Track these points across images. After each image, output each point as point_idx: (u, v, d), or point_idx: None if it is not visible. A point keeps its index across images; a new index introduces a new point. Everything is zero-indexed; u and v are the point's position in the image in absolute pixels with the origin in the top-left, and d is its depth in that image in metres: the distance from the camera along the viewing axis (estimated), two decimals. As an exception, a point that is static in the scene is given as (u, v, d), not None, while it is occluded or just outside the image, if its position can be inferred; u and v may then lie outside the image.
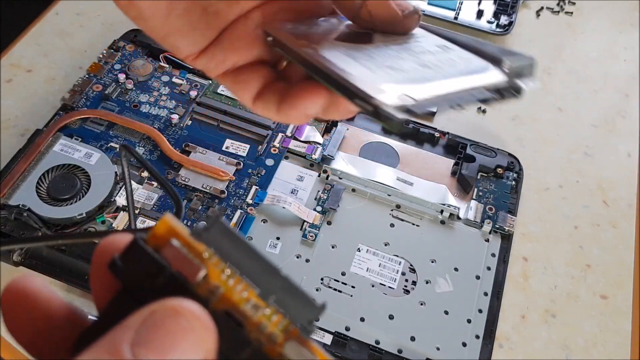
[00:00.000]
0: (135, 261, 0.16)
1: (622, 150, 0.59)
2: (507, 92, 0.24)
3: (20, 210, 0.44)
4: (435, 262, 0.48)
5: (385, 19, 0.25)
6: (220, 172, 0.50)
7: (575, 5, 0.71)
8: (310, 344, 0.16)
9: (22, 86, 0.57)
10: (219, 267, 0.16)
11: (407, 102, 0.21)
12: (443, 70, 0.24)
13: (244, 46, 0.27)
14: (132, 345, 0.14)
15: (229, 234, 0.17)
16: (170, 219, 0.17)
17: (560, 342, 0.46)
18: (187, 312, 0.15)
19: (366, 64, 0.24)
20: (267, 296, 0.16)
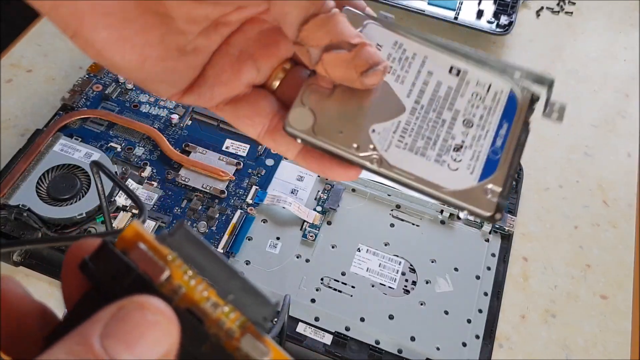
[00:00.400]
0: (105, 262, 0.17)
1: (622, 150, 0.59)
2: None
3: (20, 210, 0.44)
4: (435, 262, 0.48)
5: (341, 80, 0.24)
6: (220, 172, 0.50)
7: (575, 5, 0.71)
8: (265, 338, 0.17)
9: (22, 86, 0.57)
10: (182, 269, 0.18)
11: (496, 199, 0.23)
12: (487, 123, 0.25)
13: (232, 78, 0.25)
14: (102, 337, 0.15)
15: (192, 239, 0.18)
16: (137, 225, 0.18)
17: (560, 342, 0.46)
18: (152, 307, 0.16)
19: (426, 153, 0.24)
20: (225, 295, 0.18)
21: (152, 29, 0.23)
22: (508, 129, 0.25)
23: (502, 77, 0.26)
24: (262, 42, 0.26)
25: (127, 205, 0.47)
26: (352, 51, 0.23)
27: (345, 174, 0.25)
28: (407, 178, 0.24)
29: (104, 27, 0.22)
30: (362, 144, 0.24)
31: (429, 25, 0.66)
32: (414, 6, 0.63)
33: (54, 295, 0.44)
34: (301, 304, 0.45)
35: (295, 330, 0.43)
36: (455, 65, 0.26)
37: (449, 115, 0.25)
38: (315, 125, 0.24)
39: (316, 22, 0.23)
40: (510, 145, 0.25)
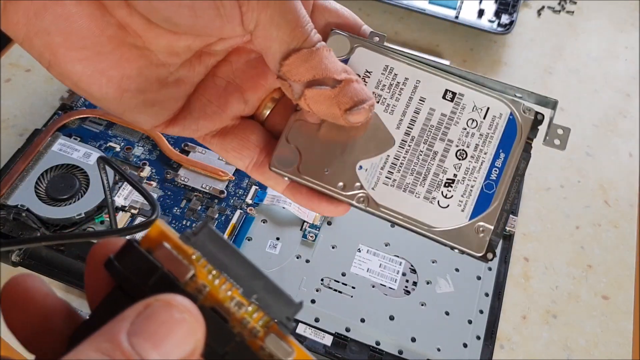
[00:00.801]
0: (130, 261, 0.17)
1: (623, 150, 0.59)
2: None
3: (19, 210, 0.44)
4: (435, 262, 0.48)
5: (325, 116, 0.23)
6: (220, 172, 0.50)
7: (577, 5, 0.71)
8: (289, 338, 0.18)
9: (21, 86, 0.57)
10: (206, 268, 0.18)
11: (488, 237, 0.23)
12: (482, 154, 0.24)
13: (219, 110, 0.25)
14: (129, 335, 0.15)
15: (216, 238, 0.18)
16: (161, 224, 0.18)
17: (561, 343, 0.46)
18: (179, 305, 0.16)
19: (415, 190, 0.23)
20: (249, 295, 0.18)
21: (128, 62, 0.22)
22: (505, 158, 0.24)
23: (501, 99, 0.24)
24: (249, 73, 0.25)
25: (127, 206, 0.47)
26: (336, 88, 0.22)
27: (334, 210, 0.25)
28: (395, 217, 0.23)
29: (78, 60, 0.22)
30: (348, 182, 0.24)
31: (430, 25, 0.66)
32: (415, 5, 0.63)
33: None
34: (301, 304, 0.44)
35: (295, 331, 0.43)
36: (450, 88, 0.24)
37: (441, 146, 0.24)
38: (301, 165, 0.24)
39: (298, 57, 0.22)
40: (507, 177, 0.24)
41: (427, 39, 0.65)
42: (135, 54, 0.22)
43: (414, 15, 0.66)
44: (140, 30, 0.22)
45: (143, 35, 0.22)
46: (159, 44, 0.23)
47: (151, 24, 0.22)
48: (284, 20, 0.21)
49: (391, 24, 0.66)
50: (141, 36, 0.22)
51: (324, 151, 0.24)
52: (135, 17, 0.21)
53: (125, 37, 0.22)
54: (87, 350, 0.15)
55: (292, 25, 0.21)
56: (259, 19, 0.21)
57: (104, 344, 0.15)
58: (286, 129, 0.24)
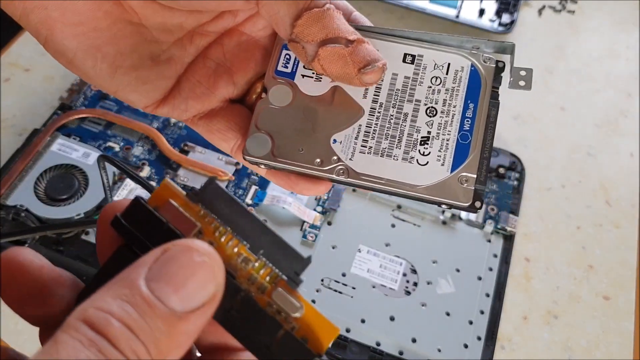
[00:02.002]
0: (136, 218, 0.17)
1: (624, 150, 0.58)
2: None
3: (18, 210, 0.44)
4: (436, 263, 0.48)
5: (339, 76, 0.23)
6: (220, 171, 0.50)
7: (577, 4, 0.71)
8: (297, 293, 0.17)
9: (20, 85, 0.57)
10: (212, 225, 0.18)
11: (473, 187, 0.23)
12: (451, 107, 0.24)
13: (207, 91, 0.25)
14: (148, 280, 0.15)
15: (222, 194, 0.18)
16: (169, 183, 0.18)
17: (562, 343, 0.46)
18: (199, 248, 0.16)
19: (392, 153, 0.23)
20: (256, 250, 0.18)
21: (124, 38, 0.22)
22: (475, 108, 0.24)
23: (460, 54, 0.25)
24: (240, 55, 0.25)
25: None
26: (349, 47, 0.22)
27: (314, 189, 0.25)
28: (377, 184, 0.23)
29: (74, 36, 0.22)
30: (324, 157, 0.24)
31: (431, 24, 0.66)
32: (416, 5, 0.63)
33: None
34: (301, 305, 0.44)
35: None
36: (408, 52, 0.25)
37: (410, 107, 0.24)
38: (275, 149, 0.24)
39: (310, 16, 0.22)
40: (480, 125, 0.24)
41: (427, 39, 0.65)
42: (130, 30, 0.22)
43: (414, 15, 0.65)
44: (136, 6, 0.22)
45: (139, 11, 0.22)
46: (154, 20, 0.23)
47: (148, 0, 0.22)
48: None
49: (391, 23, 0.66)
50: (137, 12, 0.22)
51: (295, 132, 0.24)
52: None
53: (122, 14, 0.22)
54: (105, 297, 0.15)
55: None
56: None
57: (123, 289, 0.15)
58: (254, 117, 0.24)
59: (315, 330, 0.17)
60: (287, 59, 0.25)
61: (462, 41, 0.25)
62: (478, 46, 0.25)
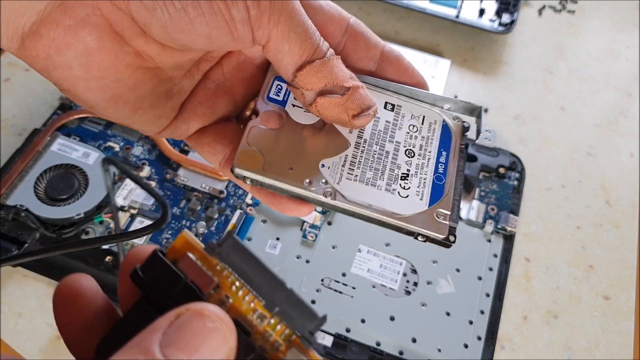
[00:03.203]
0: (155, 271, 0.18)
1: (624, 149, 0.58)
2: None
3: (18, 210, 0.44)
4: (436, 262, 0.48)
5: (333, 121, 0.25)
6: (220, 171, 0.49)
7: (577, 4, 0.71)
8: (311, 352, 0.17)
9: (20, 85, 0.57)
10: (230, 280, 0.18)
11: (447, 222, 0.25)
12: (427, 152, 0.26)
13: (207, 110, 0.26)
14: (162, 346, 0.15)
15: (240, 249, 0.18)
16: (187, 235, 0.18)
17: (562, 343, 0.46)
18: (211, 314, 0.16)
19: (376, 183, 0.25)
20: (272, 307, 0.18)
21: (143, 84, 0.23)
22: (447, 156, 0.27)
23: (433, 110, 0.27)
24: (238, 75, 0.26)
25: (126, 206, 0.47)
26: (344, 95, 0.24)
27: (297, 210, 0.25)
28: (362, 208, 0.25)
29: (97, 88, 0.22)
30: (313, 179, 0.24)
31: (431, 24, 0.66)
32: (416, 5, 0.63)
33: (51, 296, 0.43)
34: (301, 305, 0.44)
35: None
36: (389, 101, 0.27)
37: (391, 147, 0.26)
38: (265, 164, 0.24)
39: (312, 68, 0.23)
40: (452, 171, 0.26)
41: (427, 38, 0.65)
42: (149, 75, 0.23)
43: (414, 15, 0.65)
44: (154, 54, 0.23)
45: (156, 57, 0.23)
46: (169, 61, 0.23)
47: (165, 47, 0.22)
48: (294, 34, 0.22)
49: (391, 23, 0.66)
50: (154, 59, 0.23)
51: (285, 152, 0.25)
52: (151, 44, 0.22)
53: (141, 62, 0.23)
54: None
55: (303, 37, 0.22)
56: (270, 35, 0.22)
57: (138, 356, 0.15)
58: (245, 134, 0.25)
59: None
60: (279, 89, 0.26)
61: (436, 99, 0.27)
62: (449, 106, 0.28)
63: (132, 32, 0.21)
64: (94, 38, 0.21)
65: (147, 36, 0.22)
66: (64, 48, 0.21)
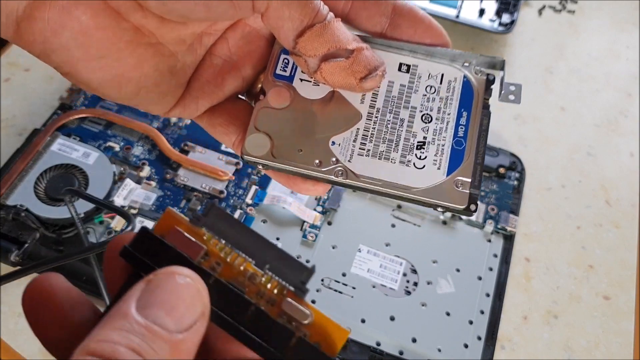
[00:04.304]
0: (145, 247, 0.18)
1: (624, 149, 0.58)
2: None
3: (18, 210, 0.44)
4: (436, 262, 0.48)
5: (340, 86, 0.24)
6: (220, 171, 0.50)
7: (577, 4, 0.71)
8: (305, 301, 0.18)
9: (20, 85, 0.57)
10: (218, 247, 0.19)
11: (467, 190, 0.23)
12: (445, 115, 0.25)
13: (216, 88, 0.25)
14: (139, 310, 0.16)
15: (225, 216, 0.19)
16: (171, 211, 0.19)
17: (562, 343, 0.46)
18: (180, 271, 0.17)
19: (390, 156, 0.24)
20: (262, 266, 0.19)
21: (146, 61, 0.23)
22: (468, 116, 0.25)
23: (453, 66, 0.26)
24: (245, 49, 0.25)
25: (126, 206, 0.47)
26: (349, 58, 0.23)
27: (313, 189, 0.25)
28: (375, 185, 0.24)
29: (98, 69, 0.22)
30: (323, 158, 0.24)
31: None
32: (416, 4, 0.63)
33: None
34: (301, 305, 0.44)
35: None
36: (403, 61, 0.25)
37: (406, 113, 0.25)
38: (274, 149, 0.24)
39: (312, 33, 0.22)
40: (473, 133, 0.25)
41: (427, 39, 0.65)
42: (150, 52, 0.23)
43: (414, 15, 0.65)
44: (154, 28, 0.22)
45: (156, 32, 0.22)
46: (170, 36, 0.23)
47: (164, 20, 0.22)
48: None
49: (391, 23, 0.66)
50: (155, 33, 0.22)
51: (294, 133, 0.24)
52: (150, 18, 0.22)
53: (141, 38, 0.22)
54: (103, 331, 0.15)
55: (303, 2, 0.22)
56: (270, 2, 0.21)
57: (118, 322, 0.15)
58: (253, 118, 0.25)
59: (327, 334, 0.18)
60: (286, 63, 0.25)
61: (455, 55, 0.26)
62: (470, 61, 0.26)
63: (128, 6, 0.21)
64: (89, 16, 0.21)
65: (144, 10, 0.21)
66: (60, 29, 0.21)
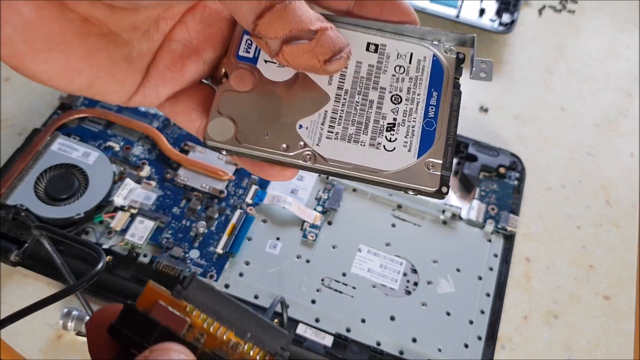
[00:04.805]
0: (131, 323, 0.19)
1: (624, 149, 0.58)
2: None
3: (18, 210, 0.44)
4: (437, 262, 0.48)
5: (304, 69, 0.23)
6: (220, 171, 0.50)
7: (578, 4, 0.71)
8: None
9: (20, 85, 0.57)
10: (201, 318, 0.20)
11: (439, 172, 0.23)
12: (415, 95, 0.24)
13: (176, 74, 0.24)
14: None
15: (205, 288, 0.20)
16: (153, 285, 0.20)
17: (562, 343, 0.46)
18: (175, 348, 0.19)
19: (359, 139, 0.23)
20: (243, 334, 0.20)
21: (97, 52, 0.22)
22: (438, 96, 0.24)
23: (422, 44, 0.25)
24: (205, 32, 0.24)
25: (126, 205, 0.47)
26: (313, 40, 0.22)
27: (281, 175, 0.24)
28: (345, 169, 0.23)
29: (45, 62, 0.21)
30: (291, 142, 0.23)
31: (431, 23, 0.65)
32: (416, 4, 0.63)
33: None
34: (301, 305, 0.44)
35: (295, 332, 0.43)
36: (371, 41, 0.25)
37: (375, 95, 0.24)
38: (238, 134, 0.23)
39: (272, 14, 0.21)
40: (444, 113, 0.24)
41: (427, 38, 0.65)
42: (102, 42, 0.22)
43: (414, 15, 0.65)
44: (103, 17, 0.21)
45: (107, 21, 0.21)
46: (122, 24, 0.22)
47: (114, 8, 0.21)
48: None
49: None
50: (105, 23, 0.21)
51: (260, 117, 0.23)
52: (98, 7, 0.21)
53: (90, 29, 0.21)
54: None
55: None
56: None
57: None
58: (215, 101, 0.24)
59: None
60: (249, 44, 0.24)
61: (424, 33, 0.25)
62: (439, 38, 0.25)
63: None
64: (30, 9, 0.20)
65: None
66: (1, 23, 0.20)
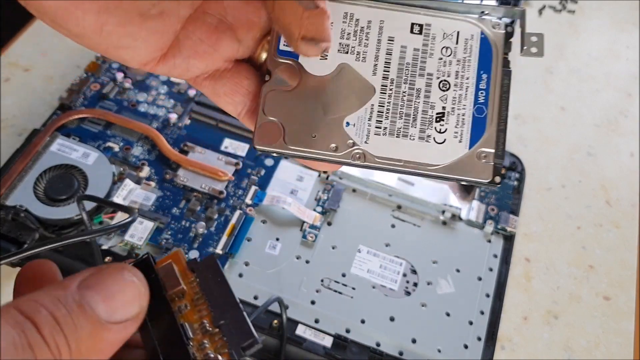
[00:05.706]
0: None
1: (624, 149, 0.58)
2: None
3: (17, 210, 0.44)
4: (436, 263, 0.47)
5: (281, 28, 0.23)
6: (219, 172, 0.49)
7: (578, 4, 0.70)
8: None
9: (19, 85, 0.57)
10: (195, 292, 0.20)
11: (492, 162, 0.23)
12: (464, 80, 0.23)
13: (209, 50, 0.23)
14: (80, 288, 0.17)
15: (215, 271, 0.21)
16: (180, 252, 0.21)
17: (562, 343, 0.46)
18: (130, 269, 0.18)
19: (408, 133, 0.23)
20: (217, 320, 0.20)
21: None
22: (488, 79, 0.23)
23: (468, 20, 0.24)
24: (241, 9, 0.23)
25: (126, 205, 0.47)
26: (308, 10, 0.21)
27: (329, 167, 0.24)
28: (395, 166, 0.23)
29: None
30: (339, 142, 0.23)
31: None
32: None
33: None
34: (301, 305, 0.44)
35: (294, 333, 0.43)
36: (415, 21, 0.24)
37: (422, 82, 0.23)
38: (286, 136, 0.23)
39: None
40: (494, 97, 0.23)
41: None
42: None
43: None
44: None
45: None
46: None
47: None
48: None
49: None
50: None
51: (306, 117, 0.23)
52: None
53: None
54: (40, 294, 0.16)
55: None
56: None
57: (57, 291, 0.16)
58: (261, 102, 0.23)
59: None
60: None
61: (470, 7, 0.24)
62: (486, 12, 0.24)
63: None
64: None
65: None
66: None
